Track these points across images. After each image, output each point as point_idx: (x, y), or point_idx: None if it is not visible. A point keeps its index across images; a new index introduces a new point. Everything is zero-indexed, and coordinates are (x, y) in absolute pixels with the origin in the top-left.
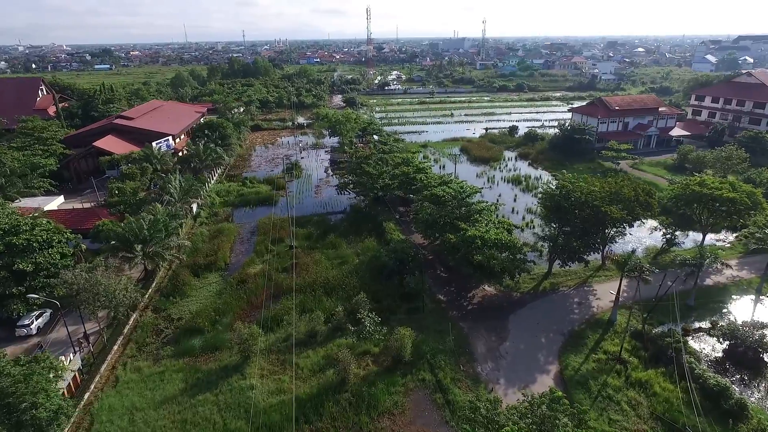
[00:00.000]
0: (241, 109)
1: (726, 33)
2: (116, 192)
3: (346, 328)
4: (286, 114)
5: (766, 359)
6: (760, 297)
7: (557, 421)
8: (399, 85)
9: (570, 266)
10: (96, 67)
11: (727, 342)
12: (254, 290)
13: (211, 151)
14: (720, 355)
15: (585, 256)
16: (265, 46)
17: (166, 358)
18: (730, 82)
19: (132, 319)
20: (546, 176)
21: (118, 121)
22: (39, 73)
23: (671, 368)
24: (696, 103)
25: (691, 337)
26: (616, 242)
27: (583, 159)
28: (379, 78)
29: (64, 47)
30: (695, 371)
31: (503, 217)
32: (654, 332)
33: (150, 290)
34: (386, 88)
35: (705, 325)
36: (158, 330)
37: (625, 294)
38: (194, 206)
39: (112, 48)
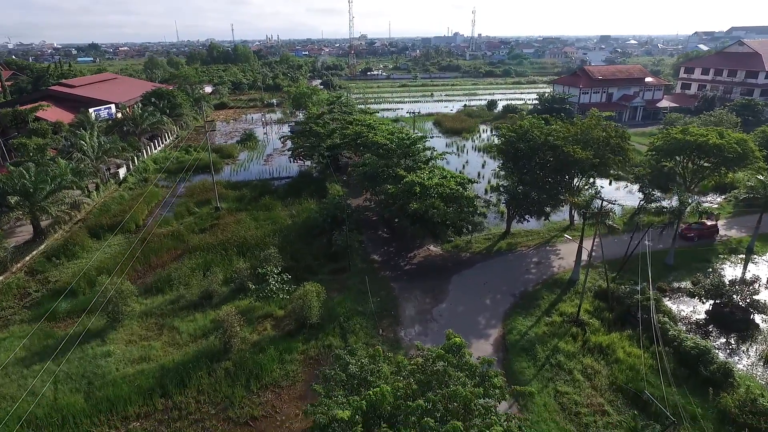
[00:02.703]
0: (209, 89)
1: (720, 29)
2: (19, 149)
3: (248, 288)
4: (258, 95)
5: (757, 320)
6: (752, 256)
7: (447, 378)
8: (382, 72)
9: (528, 221)
10: (79, 59)
11: (711, 301)
12: (157, 250)
13: (148, 115)
14: (702, 317)
15: (546, 209)
16: (256, 42)
17: (18, 323)
18: (721, 53)
19: None
20: None
21: (55, 87)
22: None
23: (639, 330)
24: (685, 76)
25: (668, 298)
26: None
27: None
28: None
29: (55, 45)
30: (669, 332)
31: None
32: (621, 290)
33: (35, 252)
34: (369, 73)
35: (685, 285)
36: (25, 293)
37: (595, 254)
38: (121, 171)
39: (102, 45)
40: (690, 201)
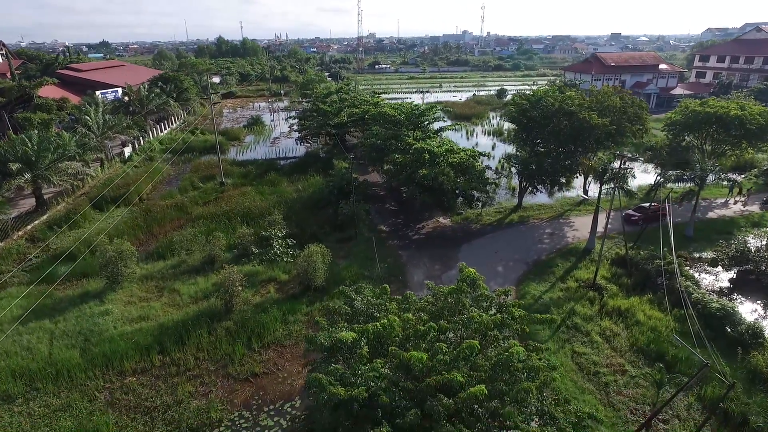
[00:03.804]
0: (217, 80)
1: (733, 26)
2: (24, 123)
3: (251, 252)
4: (266, 86)
5: None
6: None
7: (461, 307)
8: (390, 66)
9: (540, 192)
10: (89, 56)
11: (736, 269)
12: (159, 220)
13: (155, 97)
14: (726, 285)
15: (560, 179)
16: (265, 41)
17: (16, 285)
18: (737, 40)
19: None
20: None
21: (63, 71)
22: None
23: (660, 294)
24: (700, 64)
25: (688, 267)
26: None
27: None
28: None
29: (67, 44)
30: (693, 295)
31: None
32: (641, 256)
33: (37, 222)
34: (377, 67)
35: (706, 255)
36: (25, 259)
37: (610, 227)
38: (127, 150)
39: (113, 44)
40: (713, 170)
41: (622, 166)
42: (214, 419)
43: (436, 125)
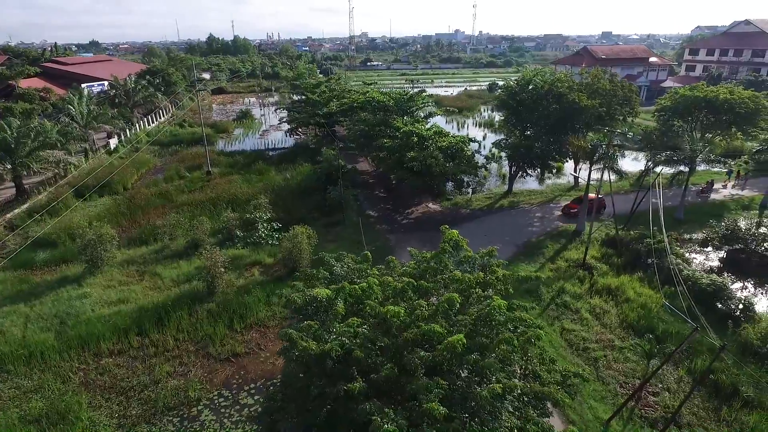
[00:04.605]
0: (207, 76)
1: (722, 24)
2: (4, 113)
3: (236, 236)
4: (256, 82)
5: None
6: (765, 210)
7: (443, 267)
8: (382, 63)
9: (530, 176)
10: (79, 54)
11: (726, 248)
12: (143, 207)
13: (141, 88)
14: (716, 264)
15: (550, 162)
16: (257, 41)
17: None
18: (727, 33)
19: None
20: None
21: (49, 64)
22: None
23: (651, 273)
24: (690, 57)
25: (679, 247)
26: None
27: None
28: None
29: (57, 43)
30: (683, 272)
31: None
32: (631, 235)
33: (17, 210)
34: (369, 64)
35: (696, 236)
36: (3, 245)
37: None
38: (112, 141)
39: (103, 44)
40: (703, 148)
41: (611, 144)
42: (192, 398)
43: (428, 113)
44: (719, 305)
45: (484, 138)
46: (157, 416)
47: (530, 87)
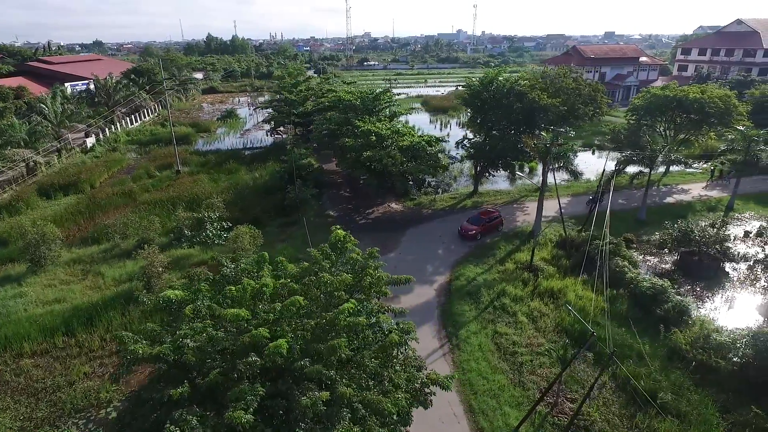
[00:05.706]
0: (200, 75)
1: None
2: None
3: (186, 235)
4: (249, 82)
5: (726, 269)
6: (730, 212)
7: (318, 269)
8: (379, 63)
9: (494, 176)
10: (80, 55)
11: (680, 249)
12: (104, 206)
13: (122, 87)
14: (668, 267)
15: (512, 161)
16: (260, 41)
17: None
18: (719, 32)
19: None
20: None
21: (33, 63)
22: None
23: (595, 274)
24: (682, 57)
25: (635, 250)
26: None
27: None
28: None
29: (62, 44)
30: (626, 275)
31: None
32: (581, 237)
33: None
34: (365, 63)
35: (655, 238)
36: None
37: (564, 210)
38: (90, 140)
39: (107, 44)
40: (662, 149)
41: (558, 143)
42: (103, 400)
43: (392, 113)
44: (657, 309)
45: (464, 138)
46: (63, 418)
47: (493, 86)
